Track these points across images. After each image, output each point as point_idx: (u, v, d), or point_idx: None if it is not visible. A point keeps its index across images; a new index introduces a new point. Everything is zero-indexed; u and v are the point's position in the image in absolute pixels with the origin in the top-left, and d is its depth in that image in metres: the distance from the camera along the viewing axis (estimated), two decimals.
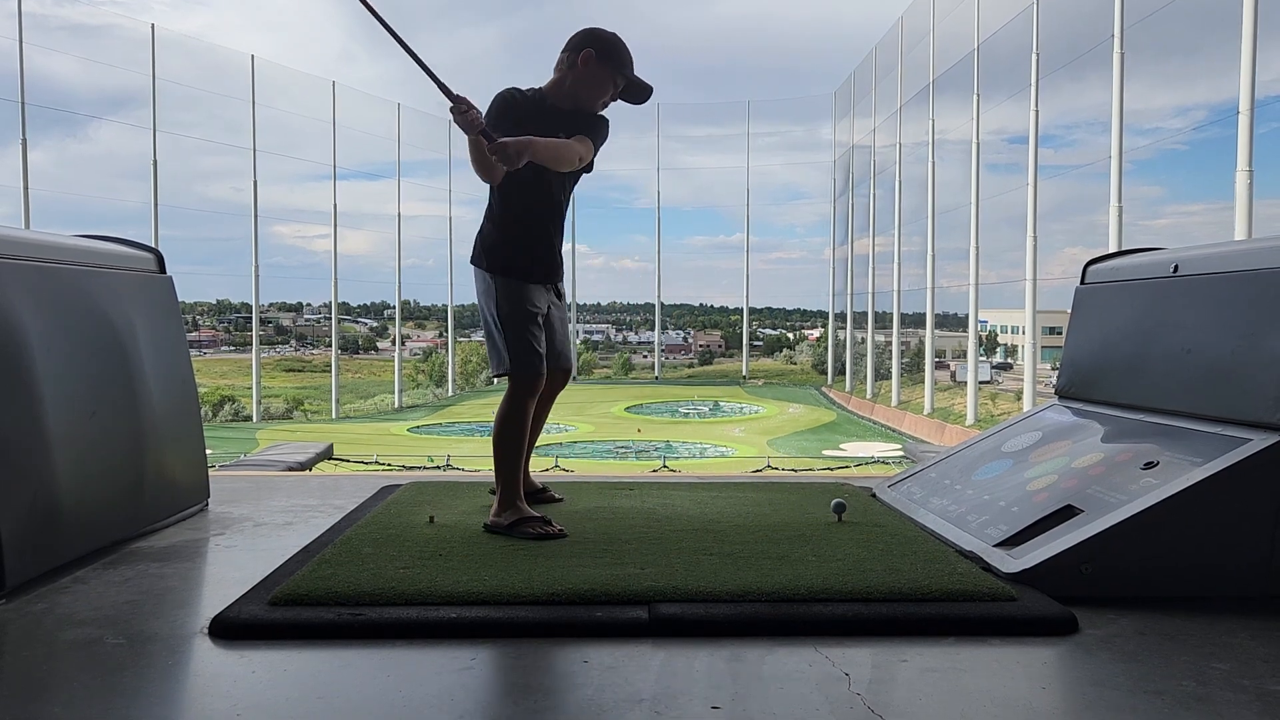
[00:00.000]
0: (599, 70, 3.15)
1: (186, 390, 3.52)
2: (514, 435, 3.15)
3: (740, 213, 47.29)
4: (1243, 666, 2.00)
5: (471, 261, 3.26)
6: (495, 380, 3.51)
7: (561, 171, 3.10)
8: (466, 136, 2.88)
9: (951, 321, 30.24)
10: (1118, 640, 2.16)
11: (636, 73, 3.22)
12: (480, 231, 3.27)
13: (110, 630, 2.19)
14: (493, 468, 3.17)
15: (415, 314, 57.01)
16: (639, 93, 3.25)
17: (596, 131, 3.23)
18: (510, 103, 3.12)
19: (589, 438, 27.34)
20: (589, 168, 3.27)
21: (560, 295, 3.38)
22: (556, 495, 3.53)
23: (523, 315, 3.16)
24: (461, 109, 2.82)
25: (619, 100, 3.27)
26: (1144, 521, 2.44)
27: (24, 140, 25.50)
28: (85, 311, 2.99)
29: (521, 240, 3.19)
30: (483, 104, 3.13)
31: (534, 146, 2.91)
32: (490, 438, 3.22)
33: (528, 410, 3.17)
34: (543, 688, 1.94)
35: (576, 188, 3.35)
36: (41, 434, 2.62)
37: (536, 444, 3.46)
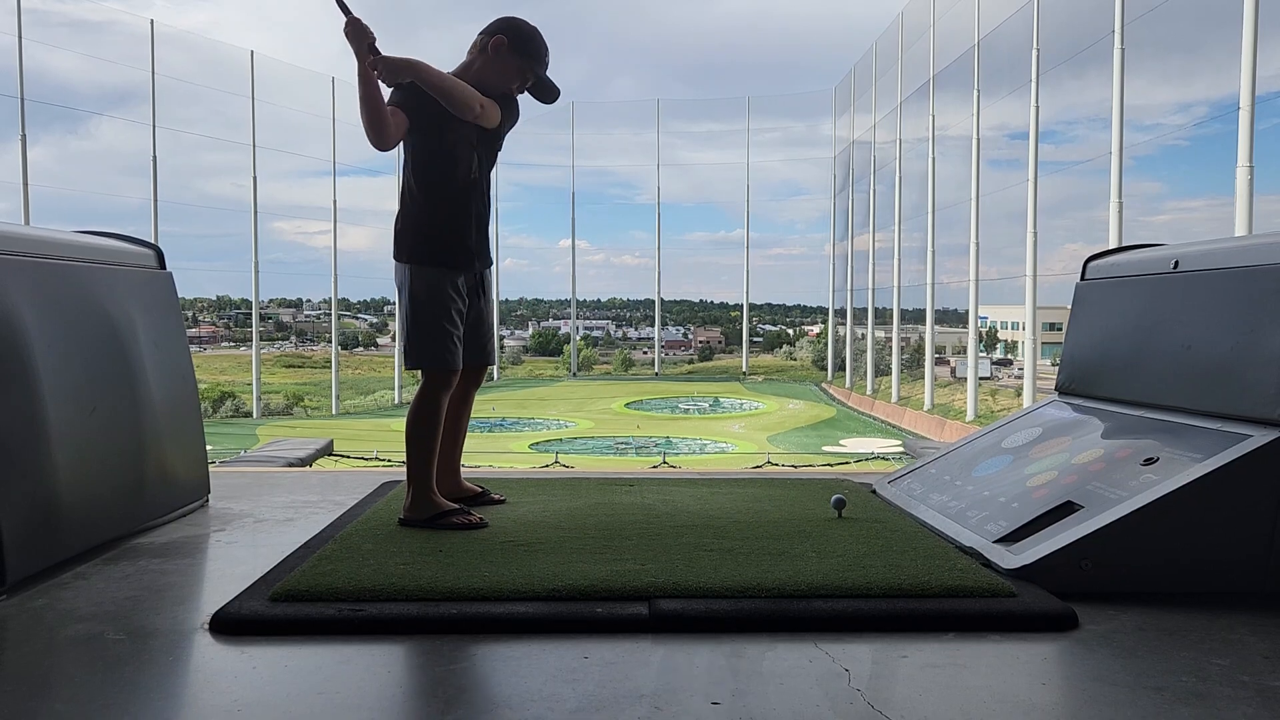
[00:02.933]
0: (509, 59, 3.11)
1: (186, 386, 3.52)
2: (427, 432, 3.11)
3: (740, 208, 47.29)
4: (1242, 662, 2.00)
5: (393, 256, 3.16)
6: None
7: (459, 117, 2.99)
8: (357, 73, 2.91)
9: (951, 317, 30.22)
10: (1117, 636, 2.16)
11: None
12: (397, 224, 3.15)
13: (111, 626, 2.20)
14: (406, 466, 3.12)
15: None
16: (547, 92, 3.21)
17: (505, 107, 3.16)
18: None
19: (589, 434, 27.36)
20: (498, 143, 3.19)
21: (485, 285, 3.29)
22: (497, 496, 3.40)
23: (437, 307, 3.09)
24: (355, 23, 2.89)
25: (529, 95, 3.23)
26: (1144, 517, 2.44)
27: (23, 136, 25.48)
28: (85, 308, 2.99)
29: (436, 224, 3.09)
30: None
31: (418, 67, 2.90)
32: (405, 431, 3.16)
33: (441, 406, 3.13)
34: (543, 683, 1.94)
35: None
36: (42, 430, 2.62)
37: (466, 444, 3.39)
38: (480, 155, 3.15)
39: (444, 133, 3.05)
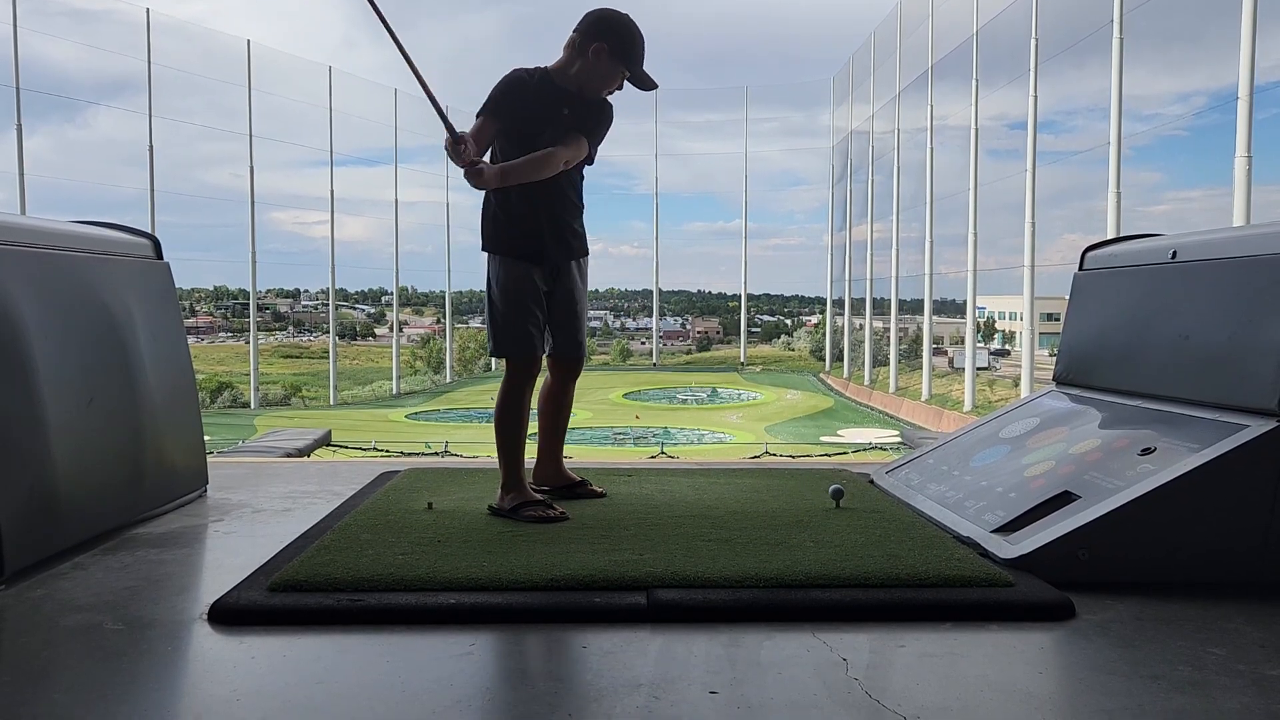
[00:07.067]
0: (609, 64, 3.12)
1: (184, 376, 3.51)
2: (510, 420, 3.15)
3: (739, 198, 47.26)
4: (1239, 651, 2.01)
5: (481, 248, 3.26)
6: (494, 366, 3.53)
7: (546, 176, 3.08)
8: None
9: (950, 308, 30.23)
10: (1114, 625, 2.17)
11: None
12: (481, 215, 3.26)
13: (110, 616, 2.20)
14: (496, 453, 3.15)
15: (413, 300, 57.00)
16: (643, 84, 3.22)
17: (599, 122, 3.22)
18: (514, 85, 3.12)
19: (587, 424, 27.37)
20: (590, 159, 3.25)
21: (570, 276, 3.26)
22: (597, 489, 3.36)
23: (515, 296, 3.13)
24: (459, 144, 2.92)
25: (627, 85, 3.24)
26: (1141, 507, 2.44)
27: (19, 126, 25.41)
28: (82, 298, 2.98)
29: (516, 218, 3.14)
30: (480, 93, 3.13)
31: (506, 174, 3.00)
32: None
33: (523, 393, 3.16)
34: (541, 673, 1.95)
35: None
36: (39, 421, 2.61)
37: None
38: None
39: (531, 140, 3.10)
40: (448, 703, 1.76)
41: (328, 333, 42.16)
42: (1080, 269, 3.76)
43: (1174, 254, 3.18)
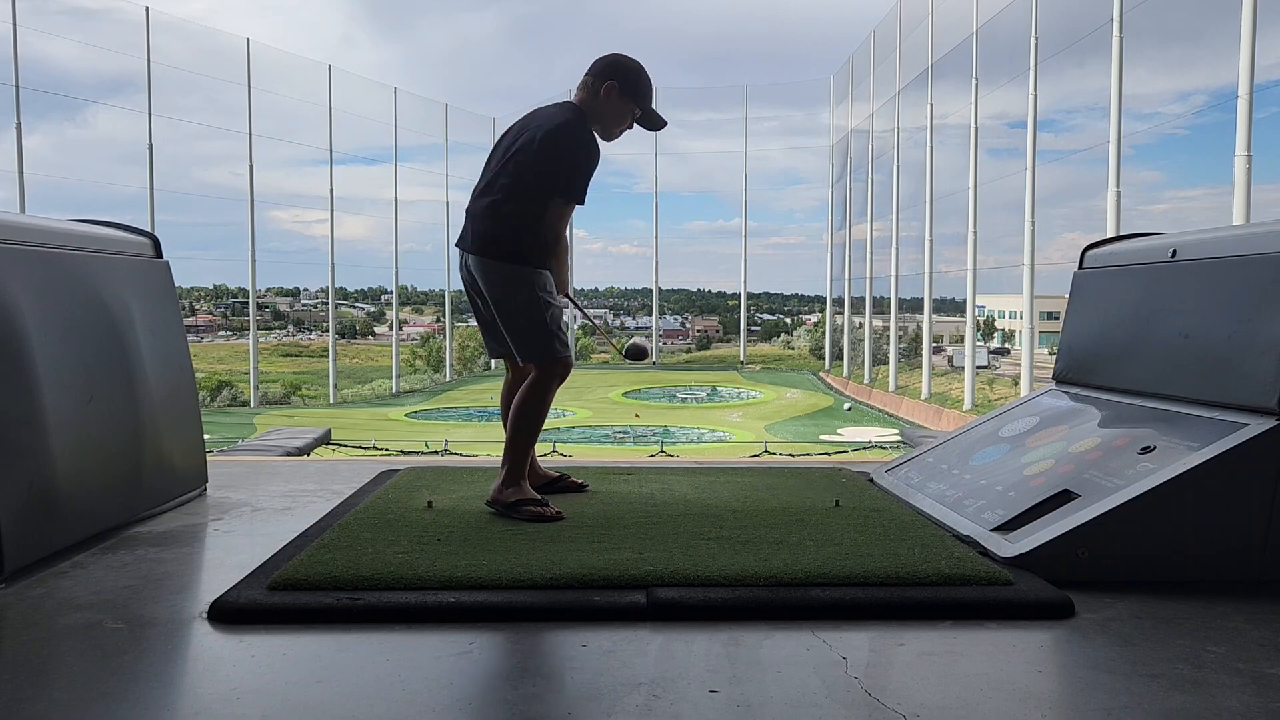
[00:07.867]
0: (620, 103, 3.25)
1: (184, 375, 3.51)
2: (535, 418, 3.21)
3: (739, 197, 47.20)
4: (1238, 650, 2.01)
5: (485, 254, 3.20)
6: (493, 365, 3.54)
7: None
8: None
9: (949, 307, 30.23)
10: (1114, 624, 2.17)
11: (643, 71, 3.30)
12: (499, 227, 3.18)
13: (109, 615, 2.20)
14: (504, 448, 3.18)
15: (413, 299, 56.97)
16: (653, 123, 3.36)
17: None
18: (596, 159, 3.24)
19: (587, 423, 27.36)
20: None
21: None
22: (578, 481, 3.49)
23: (549, 303, 3.21)
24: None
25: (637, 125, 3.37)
26: (1140, 506, 2.45)
27: (19, 124, 25.39)
28: (82, 297, 2.98)
29: (544, 240, 3.20)
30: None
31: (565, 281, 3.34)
32: (497, 421, 3.25)
33: (551, 396, 3.24)
34: (541, 672, 1.95)
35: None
36: (39, 419, 2.62)
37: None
38: None
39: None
40: (447, 701, 1.76)
41: (327, 331, 42.15)
42: (1080, 268, 3.76)
43: (1174, 253, 3.18)
